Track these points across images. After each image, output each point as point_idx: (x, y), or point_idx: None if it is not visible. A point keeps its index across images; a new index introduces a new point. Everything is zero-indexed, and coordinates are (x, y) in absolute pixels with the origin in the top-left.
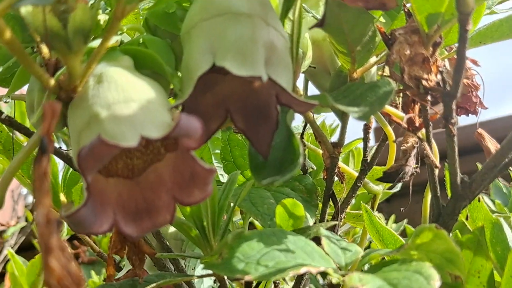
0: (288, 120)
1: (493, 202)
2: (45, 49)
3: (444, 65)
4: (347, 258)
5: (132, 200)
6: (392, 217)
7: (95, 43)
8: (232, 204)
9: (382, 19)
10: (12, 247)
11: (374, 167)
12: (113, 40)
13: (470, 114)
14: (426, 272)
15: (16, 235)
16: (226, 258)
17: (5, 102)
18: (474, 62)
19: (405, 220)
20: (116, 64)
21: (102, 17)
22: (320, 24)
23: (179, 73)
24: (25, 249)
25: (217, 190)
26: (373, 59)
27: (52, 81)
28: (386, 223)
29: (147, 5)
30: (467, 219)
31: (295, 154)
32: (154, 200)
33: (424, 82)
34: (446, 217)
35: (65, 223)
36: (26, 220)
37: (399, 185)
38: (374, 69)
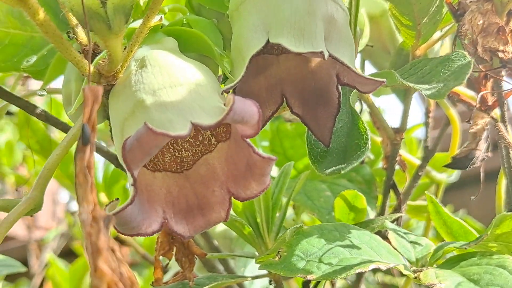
0: (352, 102)
1: None
2: (81, 34)
3: None
4: (417, 253)
5: (183, 196)
6: (449, 207)
7: (136, 24)
8: (285, 199)
9: None
10: (53, 252)
11: (436, 154)
12: (156, 19)
13: None
14: (510, 266)
15: (57, 240)
16: (285, 257)
17: (40, 95)
18: None
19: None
20: (160, 46)
21: None
22: None
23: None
24: (66, 255)
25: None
26: (437, 34)
27: (91, 67)
28: None
29: None
30: None
31: (362, 139)
32: (207, 195)
33: (500, 55)
34: None
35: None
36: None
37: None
38: (437, 46)
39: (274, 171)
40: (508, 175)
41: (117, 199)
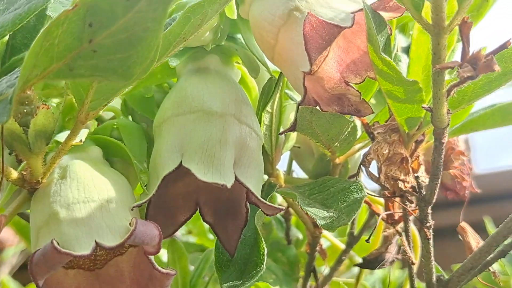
0: (257, 220)
1: None
2: None
3: (422, 165)
4: None
5: None
6: (396, 264)
7: (62, 136)
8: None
9: (372, 100)
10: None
11: (362, 237)
12: (77, 139)
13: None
14: None
15: (17, 257)
16: None
17: None
18: (462, 154)
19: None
20: (83, 155)
21: None
22: (292, 129)
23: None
24: (25, 272)
25: (191, 261)
26: (358, 145)
27: (15, 174)
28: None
29: None
30: None
31: (260, 258)
32: None
33: (400, 184)
34: None
35: None
36: None
37: None
38: (359, 153)
39: (212, 236)
40: (410, 283)
41: None
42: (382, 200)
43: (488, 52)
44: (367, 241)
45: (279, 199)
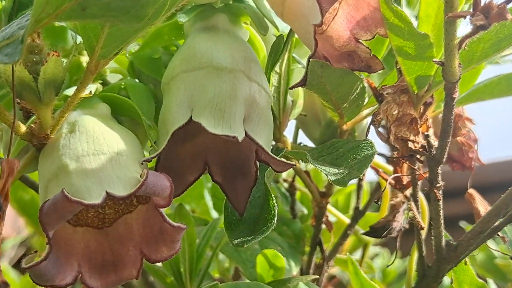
0: (267, 178)
1: None
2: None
3: (439, 120)
4: None
5: (100, 251)
6: (398, 253)
7: (70, 91)
8: (212, 249)
9: None
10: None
11: (368, 213)
12: (87, 91)
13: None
14: None
15: (15, 249)
16: None
17: None
18: (469, 120)
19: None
20: (92, 112)
21: (85, 59)
22: (302, 84)
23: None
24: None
25: (197, 234)
26: (365, 111)
27: (23, 128)
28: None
29: (134, 48)
30: (452, 282)
31: (270, 214)
32: (122, 253)
33: (409, 144)
34: (430, 279)
35: None
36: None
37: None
38: (367, 120)
39: (216, 215)
40: (419, 250)
41: (36, 251)
42: (389, 168)
43: (501, 2)
44: (376, 202)
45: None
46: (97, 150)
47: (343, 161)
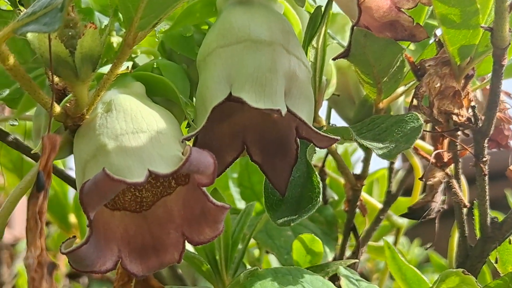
0: (309, 155)
1: None
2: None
3: (476, 98)
4: None
5: (139, 236)
6: (416, 241)
7: (105, 69)
8: (247, 236)
9: (411, 47)
10: None
11: (399, 198)
12: (124, 67)
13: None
14: None
15: None
16: None
17: (12, 125)
18: (508, 94)
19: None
20: (127, 91)
21: (115, 40)
22: (345, 54)
23: (195, 101)
24: None
25: (231, 221)
26: (401, 88)
27: (58, 108)
28: (410, 247)
29: (164, 27)
30: (496, 262)
31: (314, 192)
32: (162, 236)
33: (454, 118)
34: (474, 259)
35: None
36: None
37: None
38: (401, 99)
39: (242, 205)
40: (460, 229)
41: (74, 236)
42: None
43: None
44: (420, 179)
45: None
46: (136, 128)
47: (387, 135)
